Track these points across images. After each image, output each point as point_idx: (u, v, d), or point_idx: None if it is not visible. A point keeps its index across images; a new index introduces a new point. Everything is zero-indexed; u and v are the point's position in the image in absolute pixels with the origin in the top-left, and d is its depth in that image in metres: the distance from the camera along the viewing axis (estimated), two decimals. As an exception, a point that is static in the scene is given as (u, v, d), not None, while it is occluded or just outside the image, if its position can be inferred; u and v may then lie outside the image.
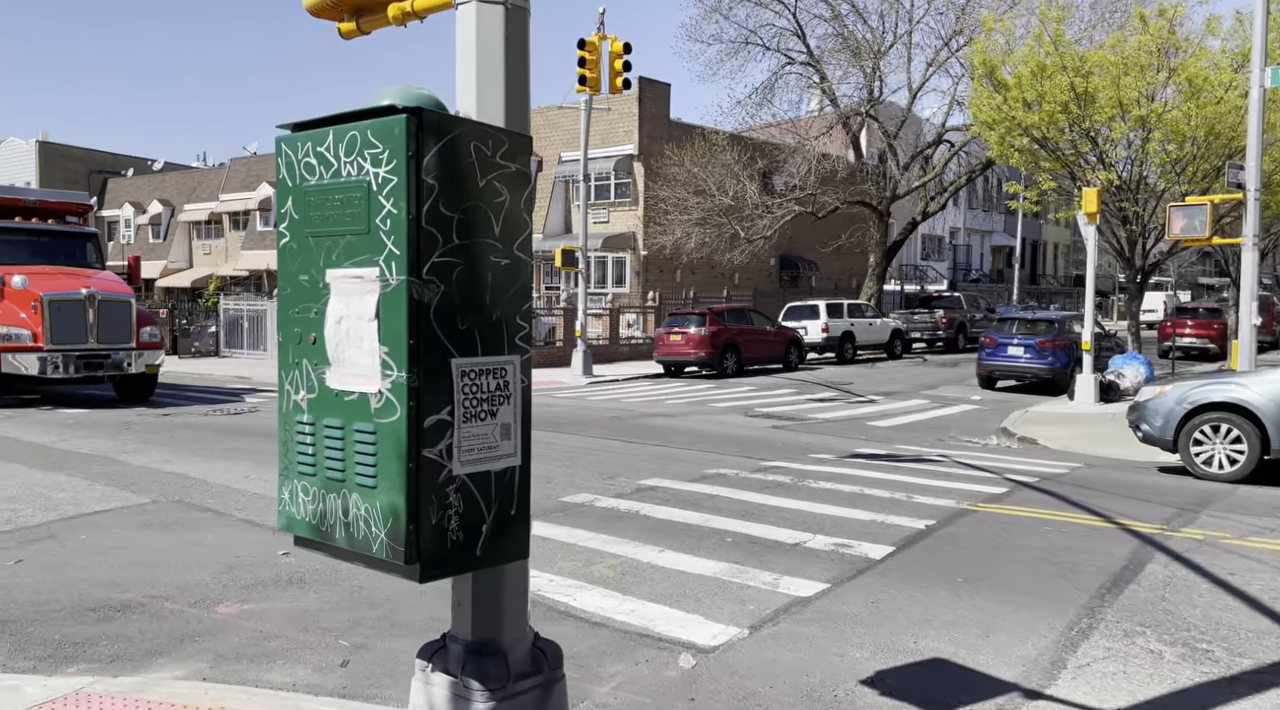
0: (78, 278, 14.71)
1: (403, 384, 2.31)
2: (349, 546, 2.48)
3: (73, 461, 9.73)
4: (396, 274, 2.32)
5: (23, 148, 49.27)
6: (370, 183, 2.36)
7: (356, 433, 2.41)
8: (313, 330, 2.53)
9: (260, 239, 42.70)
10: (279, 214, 2.65)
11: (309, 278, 2.53)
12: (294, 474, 2.62)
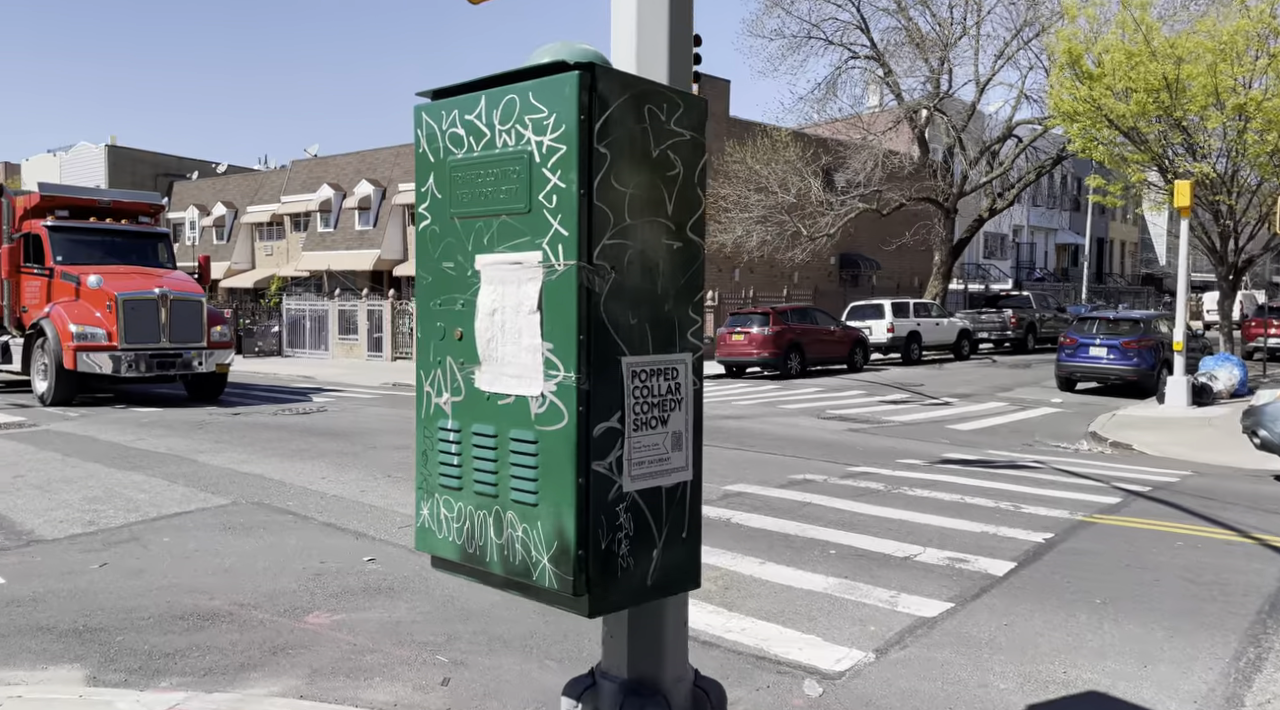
0: (150, 277, 14.80)
1: (571, 386, 1.99)
2: (503, 572, 2.16)
3: (150, 461, 9.68)
4: (564, 258, 2.00)
5: (93, 152, 50.60)
6: (532, 153, 2.04)
7: (514, 441, 2.10)
8: (459, 325, 2.23)
9: (320, 240, 43.22)
10: (418, 193, 2.35)
11: (454, 265, 2.23)
12: (435, 488, 2.32)
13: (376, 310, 29.82)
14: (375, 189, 41.22)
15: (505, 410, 2.12)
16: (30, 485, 8.42)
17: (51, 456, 9.98)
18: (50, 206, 15.15)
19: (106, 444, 10.87)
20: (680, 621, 2.42)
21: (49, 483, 8.54)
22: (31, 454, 10.14)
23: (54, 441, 11.08)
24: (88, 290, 14.23)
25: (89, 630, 4.85)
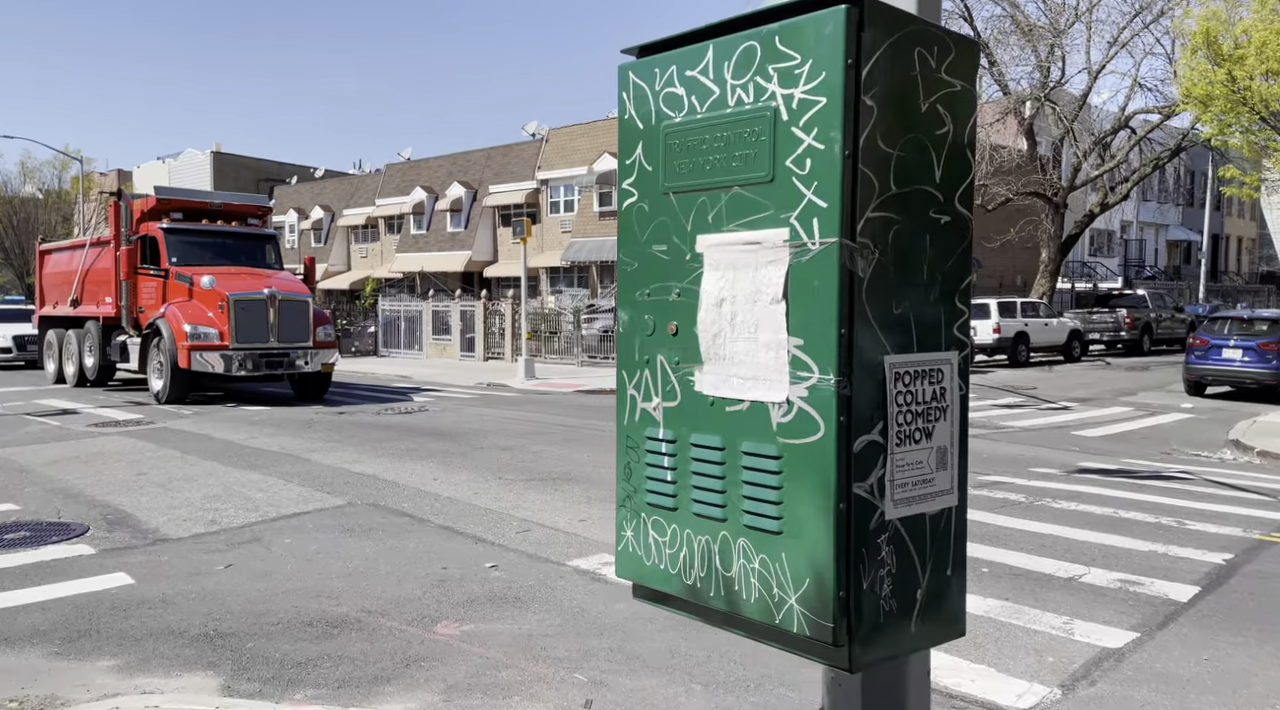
0: (259, 278, 15.09)
1: (829, 391, 1.64)
2: (731, 610, 1.83)
3: (265, 460, 9.75)
4: (821, 235, 1.65)
5: (199, 158, 52.74)
6: (777, 110, 1.70)
7: (748, 456, 1.76)
8: (673, 318, 1.90)
9: (413, 242, 44.02)
10: (621, 167, 2.03)
11: (668, 248, 1.90)
12: (642, 506, 2.00)
13: (469, 311, 30.10)
14: (466, 191, 41.76)
15: (736, 419, 1.78)
16: (153, 483, 8.53)
17: (171, 454, 10.16)
18: (165, 209, 15.60)
19: (221, 442, 11.04)
20: (922, 671, 2.05)
21: (170, 481, 8.64)
22: (152, 452, 10.34)
23: (171, 439, 11.31)
24: (200, 290, 14.57)
25: (219, 635, 4.74)
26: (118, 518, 7.18)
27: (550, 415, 14.04)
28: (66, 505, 7.60)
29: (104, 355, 16.70)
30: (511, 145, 41.31)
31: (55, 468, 9.34)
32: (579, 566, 5.91)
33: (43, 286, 19.62)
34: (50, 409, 14.62)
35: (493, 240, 41.48)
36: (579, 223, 37.15)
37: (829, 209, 1.64)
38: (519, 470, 9.18)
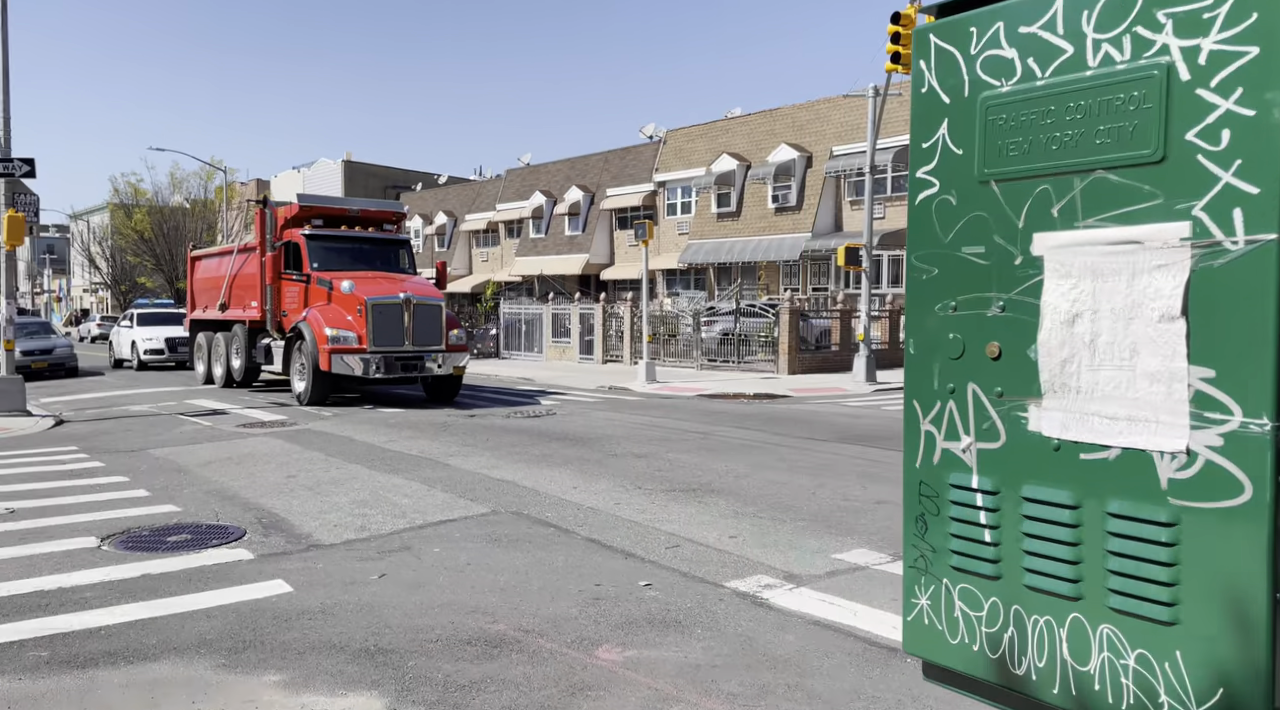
0: (395, 282, 15.39)
1: (1261, 440, 1.22)
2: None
3: (406, 464, 9.80)
4: (1246, 231, 1.24)
5: (330, 167, 55.10)
6: (1171, 68, 1.29)
7: (1119, 520, 1.36)
8: (993, 337, 1.52)
9: (532, 246, 44.69)
10: (915, 152, 1.66)
11: (986, 250, 1.52)
12: (942, 570, 1.62)
13: (588, 314, 30.22)
14: (584, 195, 42.10)
15: (1097, 470, 1.39)
16: (302, 486, 8.65)
17: (316, 457, 10.35)
18: (307, 216, 16.11)
19: (363, 445, 11.21)
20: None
21: (318, 484, 8.75)
22: (298, 454, 10.57)
23: (315, 441, 11.57)
24: (340, 295, 14.96)
25: (380, 651, 4.60)
26: (272, 522, 7.27)
27: (678, 421, 13.75)
28: (223, 508, 7.76)
29: (250, 357, 17.41)
30: (629, 148, 41.41)
31: (210, 469, 9.63)
32: (737, 588, 5.56)
33: (193, 291, 20.66)
34: (201, 409, 15.29)
35: (609, 243, 41.66)
36: (696, 224, 36.85)
37: (1260, 196, 1.23)
38: (657, 479, 8.90)
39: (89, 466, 9.83)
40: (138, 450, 10.96)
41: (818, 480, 8.87)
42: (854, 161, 30.65)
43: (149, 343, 25.95)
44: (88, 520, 7.25)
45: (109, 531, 6.89)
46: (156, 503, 7.94)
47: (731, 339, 24.95)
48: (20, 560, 6.10)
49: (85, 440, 11.93)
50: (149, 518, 7.37)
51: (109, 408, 16.11)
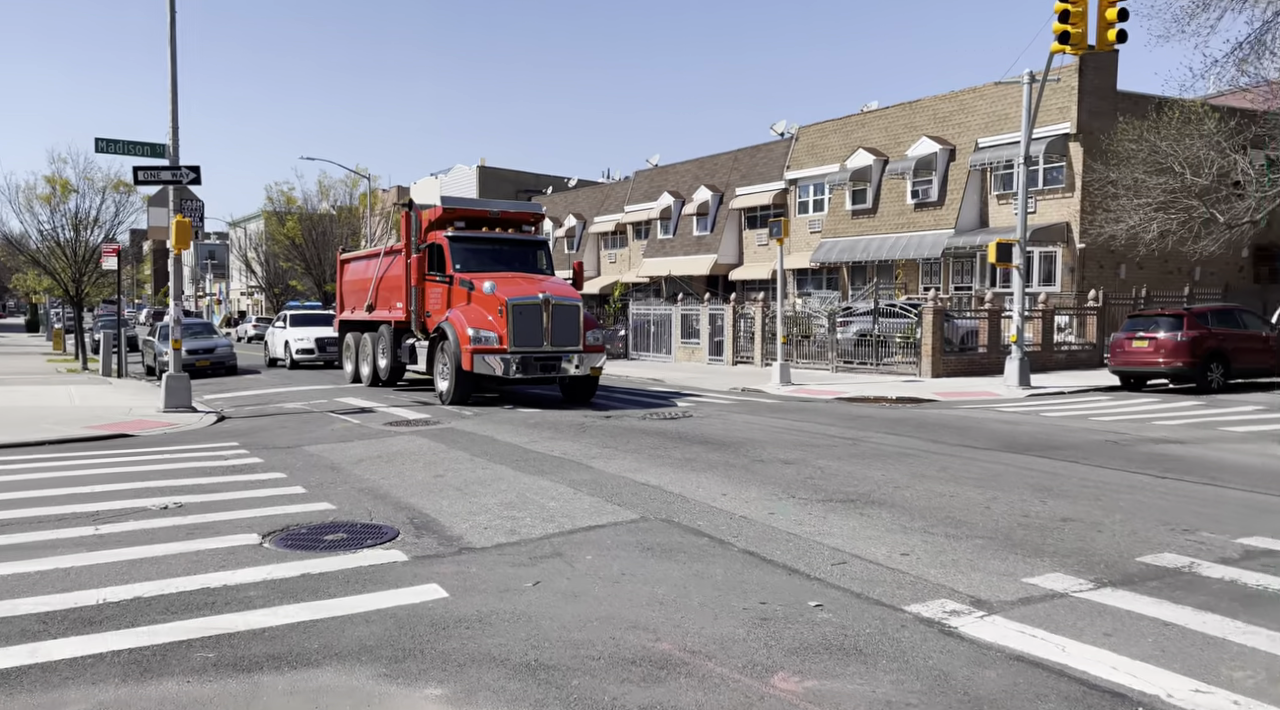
0: (534, 283, 15.43)
1: None
2: None
3: (549, 465, 9.67)
4: None
5: (466, 172, 56.75)
6: None
7: None
8: None
9: (660, 246, 44.62)
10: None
11: None
12: None
13: (718, 314, 29.82)
14: (713, 194, 41.70)
15: None
16: (450, 487, 8.63)
17: (461, 456, 10.37)
18: (450, 218, 16.38)
19: (505, 445, 11.19)
20: None
21: (466, 484, 8.71)
22: (444, 453, 10.63)
23: (460, 440, 11.64)
24: (481, 295, 15.10)
25: (541, 667, 4.36)
26: (423, 522, 7.22)
27: (821, 425, 13.18)
28: (376, 507, 7.79)
29: (395, 357, 17.87)
30: (759, 146, 40.74)
31: (361, 467, 9.78)
32: (920, 613, 5.06)
33: (342, 293, 21.45)
34: (350, 407, 15.76)
35: (738, 243, 41.10)
36: (829, 222, 35.85)
37: None
38: (810, 488, 8.43)
39: (249, 462, 10.16)
40: (293, 447, 11.29)
41: (988, 493, 8.19)
42: (1001, 153, 29.05)
43: (300, 343, 27.18)
44: (249, 517, 7.39)
45: (270, 528, 7.00)
46: (313, 500, 8.05)
47: (869, 340, 24.02)
48: (188, 556, 6.23)
49: (245, 436, 12.42)
50: (306, 515, 7.47)
51: (265, 405, 16.85)
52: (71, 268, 29.65)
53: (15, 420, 13.76)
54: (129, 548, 6.40)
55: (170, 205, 15.37)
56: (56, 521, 7.21)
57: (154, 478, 9.14)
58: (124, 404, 16.44)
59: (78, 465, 9.97)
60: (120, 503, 7.89)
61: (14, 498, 8.11)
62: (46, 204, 29.54)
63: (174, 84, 15.21)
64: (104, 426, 13.22)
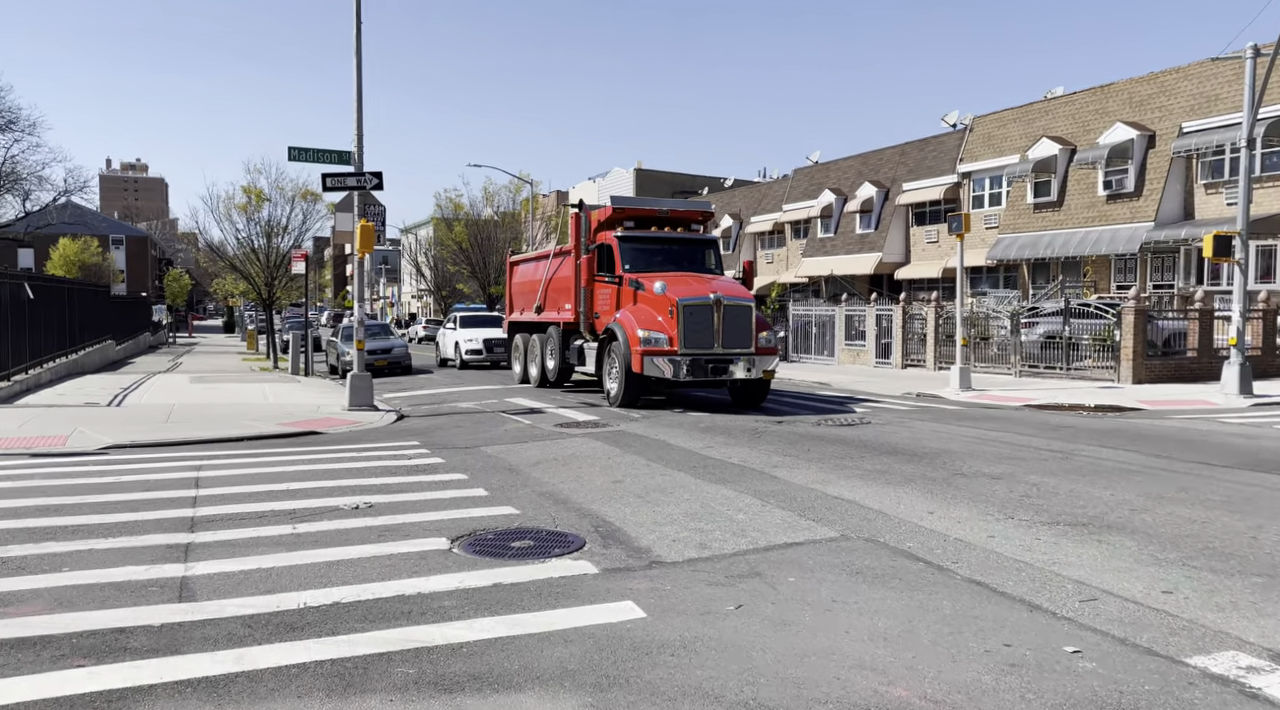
0: (704, 283, 15.01)
1: None
2: None
3: (730, 474, 9.20)
4: None
5: (624, 175, 57.27)
6: None
7: None
8: None
9: (820, 245, 43.37)
10: None
11: None
12: None
13: (886, 315, 28.52)
14: (878, 191, 40.11)
15: None
16: (631, 493, 8.31)
17: (637, 461, 10.07)
18: (619, 218, 16.21)
19: (680, 450, 10.81)
20: None
21: (646, 491, 8.37)
22: (618, 457, 10.36)
23: (632, 443, 11.36)
24: (651, 296, 14.82)
25: (761, 708, 3.88)
26: (608, 531, 6.90)
27: (1020, 436, 12.06)
28: (559, 513, 7.55)
29: (563, 358, 17.88)
30: (928, 139, 38.85)
31: (539, 469, 9.63)
32: (1208, 669, 4.24)
33: (511, 295, 21.77)
34: (520, 408, 15.87)
35: (904, 240, 39.35)
36: (1008, 217, 33.65)
37: None
38: (1029, 508, 7.55)
39: (430, 462, 10.23)
40: (471, 447, 11.34)
41: (1249, 520, 7.07)
42: (1210, 138, 26.28)
43: (470, 344, 27.95)
44: (436, 519, 7.31)
45: (457, 532, 6.87)
46: (495, 503, 7.92)
47: (1058, 343, 22.21)
48: (380, 560, 6.15)
49: (424, 435, 12.63)
50: (491, 519, 7.31)
51: (439, 404, 17.25)
52: (264, 272, 31.79)
53: (217, 416, 14.61)
54: (325, 549, 6.40)
55: (355, 210, 15.95)
56: (257, 519, 7.36)
57: (343, 476, 9.31)
58: (312, 402, 17.24)
59: (274, 462, 10.34)
60: (314, 501, 8.02)
61: (220, 493, 8.41)
62: (243, 213, 31.83)
63: (359, 93, 15.78)
64: (295, 424, 13.81)
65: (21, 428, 12.78)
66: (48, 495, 8.23)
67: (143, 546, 6.45)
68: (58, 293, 23.80)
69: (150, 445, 11.64)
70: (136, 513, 7.53)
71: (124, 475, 9.33)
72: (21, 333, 18.69)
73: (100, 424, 13.32)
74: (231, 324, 78.49)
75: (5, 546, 6.40)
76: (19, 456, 10.61)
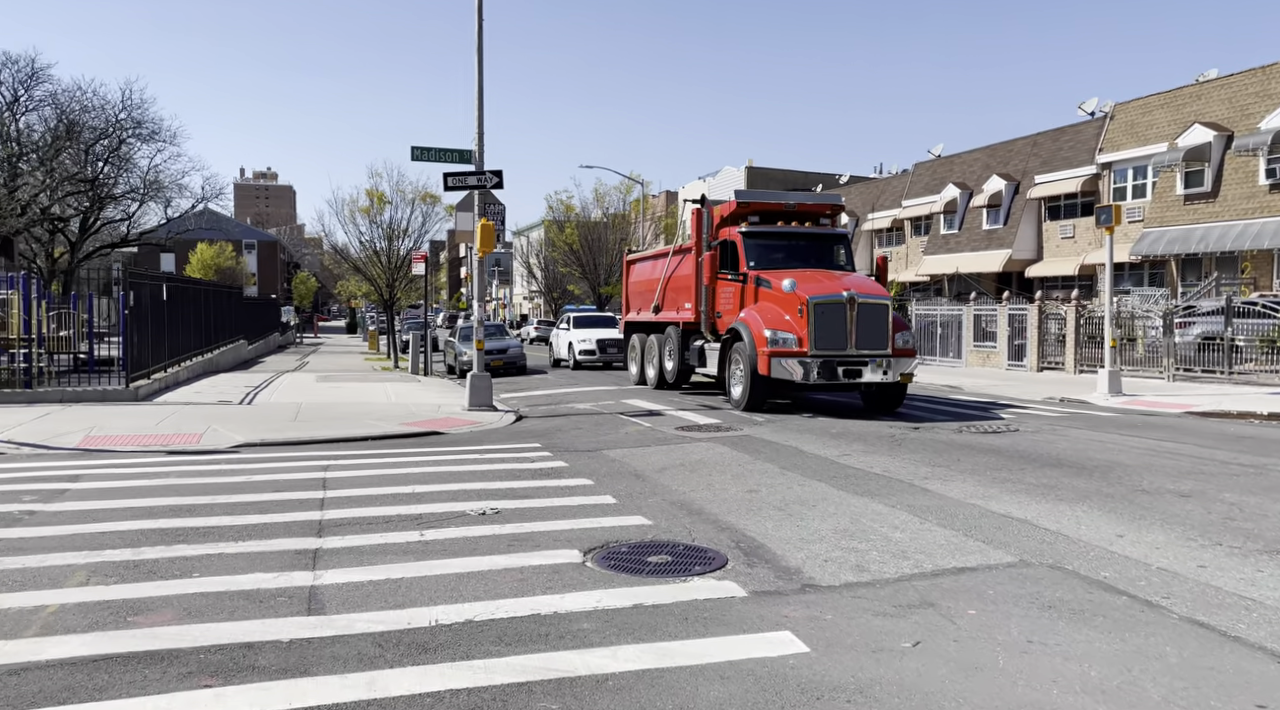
0: (835, 280, 14.23)
1: None
2: None
3: (875, 485, 8.47)
4: None
5: (734, 173, 56.48)
6: None
7: None
8: None
9: (942, 243, 41.54)
10: None
11: None
12: None
13: (1019, 315, 26.90)
14: (1007, 184, 38.07)
15: None
16: (769, 505, 7.71)
17: (769, 468, 9.45)
18: (743, 213, 15.57)
19: (814, 457, 10.12)
20: None
21: (786, 503, 7.75)
22: (749, 464, 9.77)
23: (761, 449, 10.74)
24: (778, 294, 14.13)
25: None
26: (750, 547, 6.33)
27: (1197, 447, 10.84)
28: (694, 525, 7.02)
29: (682, 360, 17.34)
30: (1063, 128, 36.61)
31: (666, 476, 9.14)
32: None
33: (628, 294, 21.40)
34: (638, 409, 15.45)
35: (1036, 236, 37.20)
36: (1154, 210, 31.29)
37: None
38: (1237, 533, 6.57)
39: (554, 466, 9.88)
40: (593, 451, 10.95)
41: None
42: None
43: (583, 344, 27.83)
44: (566, 529, 6.90)
45: (589, 544, 6.42)
46: (624, 513, 7.45)
47: (1217, 344, 20.33)
48: (511, 573, 5.75)
49: (544, 437, 12.34)
50: (622, 530, 6.85)
51: (556, 405, 17.01)
52: (386, 274, 32.55)
53: (342, 415, 14.74)
54: (454, 559, 6.05)
55: (475, 209, 15.88)
56: (384, 524, 7.11)
57: (467, 479, 9.05)
58: (433, 401, 17.28)
59: (398, 462, 10.19)
60: (440, 506, 7.74)
61: (346, 496, 8.24)
62: (366, 216, 32.67)
63: (480, 92, 15.69)
64: (418, 423, 13.77)
65: (159, 425, 13.15)
66: (181, 494, 8.24)
67: (271, 551, 6.26)
68: (195, 294, 24.84)
69: (279, 444, 11.73)
70: (265, 515, 7.40)
71: (254, 475, 9.33)
72: (161, 333, 19.48)
73: (232, 422, 13.59)
74: (354, 325, 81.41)
75: (139, 548, 6.32)
76: (156, 454, 10.81)
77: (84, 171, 41.18)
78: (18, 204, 37.08)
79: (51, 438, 11.69)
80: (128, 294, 16.53)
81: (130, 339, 16.72)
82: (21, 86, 38.59)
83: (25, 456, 10.56)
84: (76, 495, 8.19)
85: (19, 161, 38.68)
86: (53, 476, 9.13)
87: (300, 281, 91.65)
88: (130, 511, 7.49)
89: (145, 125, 41.78)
